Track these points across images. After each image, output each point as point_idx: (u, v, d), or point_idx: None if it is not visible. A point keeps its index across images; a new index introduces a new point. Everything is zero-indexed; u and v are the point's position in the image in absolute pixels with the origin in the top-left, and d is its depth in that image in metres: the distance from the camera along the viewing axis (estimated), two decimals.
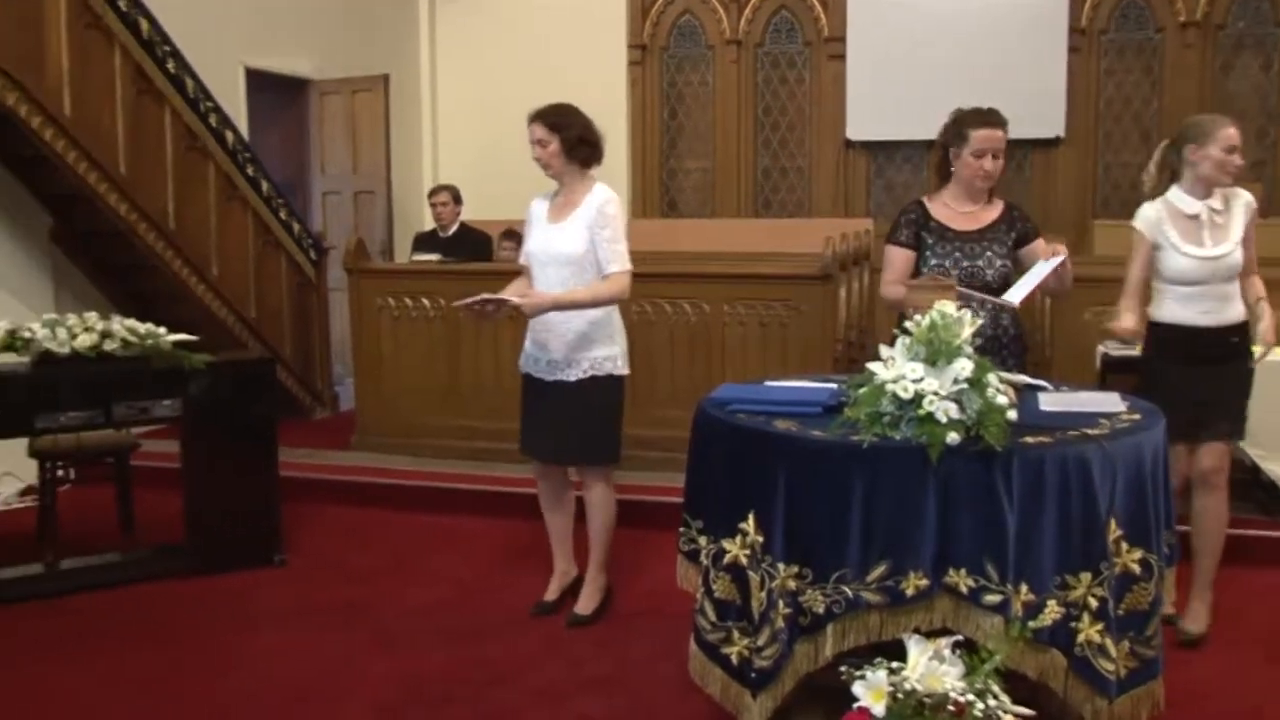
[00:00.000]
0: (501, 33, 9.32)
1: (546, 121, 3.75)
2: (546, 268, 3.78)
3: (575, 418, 3.80)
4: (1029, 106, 8.22)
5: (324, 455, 5.98)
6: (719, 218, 9.17)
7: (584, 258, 3.74)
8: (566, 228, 3.76)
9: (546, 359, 3.80)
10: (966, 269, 3.49)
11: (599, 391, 3.80)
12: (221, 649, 3.73)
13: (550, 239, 3.78)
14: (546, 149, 3.75)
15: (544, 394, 3.83)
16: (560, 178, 3.82)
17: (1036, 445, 2.50)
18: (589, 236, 3.73)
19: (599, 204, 3.74)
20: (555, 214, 3.81)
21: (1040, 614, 2.46)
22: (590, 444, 3.86)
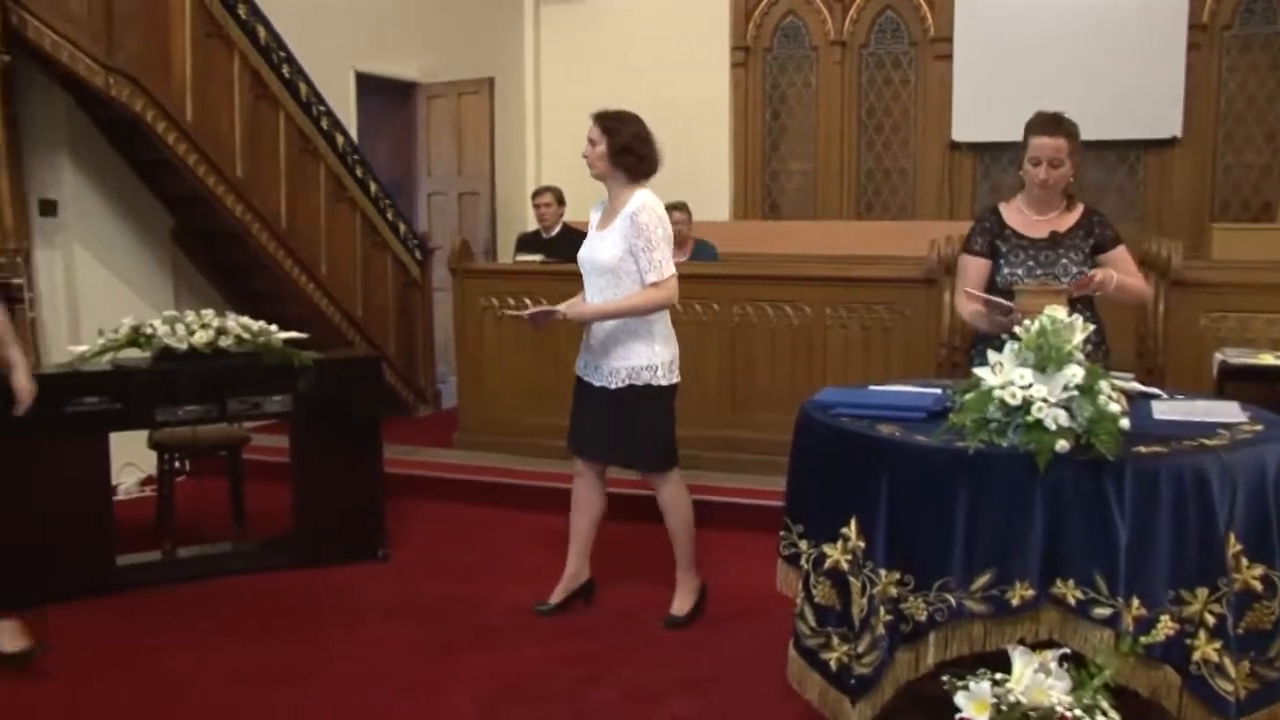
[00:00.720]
0: (605, 35, 9.38)
1: (602, 123, 3.77)
2: (590, 276, 3.83)
3: (619, 425, 3.82)
4: (1144, 106, 8.01)
5: (426, 452, 6.09)
6: (821, 220, 9.09)
7: (619, 266, 3.72)
8: (607, 236, 3.78)
9: (594, 364, 3.86)
10: (1040, 278, 3.37)
11: (641, 401, 3.78)
12: (327, 640, 3.82)
13: (594, 247, 3.82)
14: (594, 149, 3.77)
15: (590, 396, 3.88)
16: (604, 180, 3.83)
17: (1150, 455, 2.43)
18: (625, 246, 3.71)
19: (631, 212, 3.70)
20: (603, 221, 3.85)
21: (1153, 629, 2.39)
22: (639, 451, 3.87)
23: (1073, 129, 3.40)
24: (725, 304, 5.55)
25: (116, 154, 5.75)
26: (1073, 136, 3.39)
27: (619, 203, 3.78)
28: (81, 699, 3.36)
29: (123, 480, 5.43)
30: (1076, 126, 3.42)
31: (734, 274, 5.72)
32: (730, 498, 5.12)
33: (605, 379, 3.81)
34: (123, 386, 4.21)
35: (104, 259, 5.75)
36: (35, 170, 5.49)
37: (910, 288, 5.33)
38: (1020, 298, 3.13)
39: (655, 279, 3.69)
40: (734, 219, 9.20)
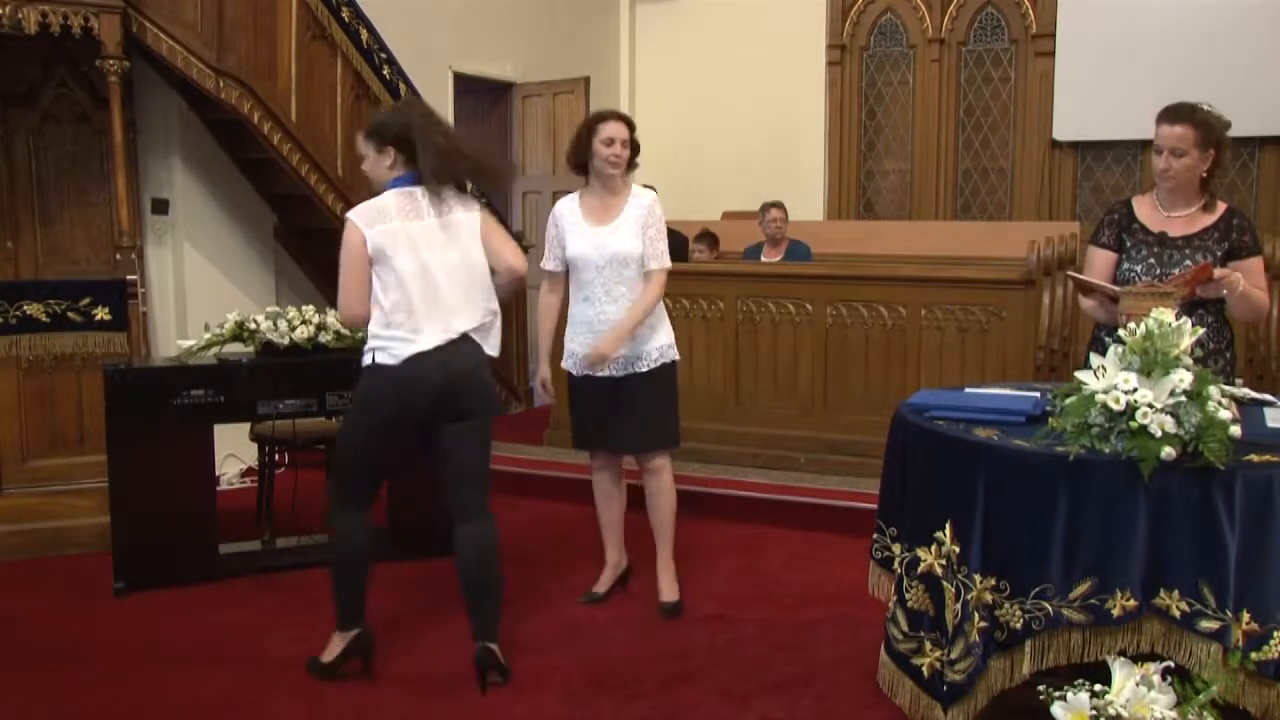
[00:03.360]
0: (700, 35, 9.38)
1: (628, 124, 3.92)
2: (603, 270, 3.86)
3: (650, 406, 3.95)
4: (1258, 101, 7.70)
5: (518, 449, 6.15)
6: (917, 220, 8.97)
7: (640, 256, 3.88)
8: (619, 229, 3.87)
9: (615, 357, 3.89)
10: (1159, 276, 3.20)
11: (666, 378, 3.97)
12: (419, 629, 3.88)
13: (604, 241, 3.87)
14: (625, 150, 3.88)
15: (613, 389, 3.92)
16: (619, 178, 3.91)
17: (1264, 464, 2.35)
18: (642, 236, 3.87)
19: (649, 204, 3.91)
20: (598, 217, 3.89)
21: (1266, 645, 2.32)
22: (662, 429, 4.00)
23: (1205, 119, 3.20)
24: (819, 304, 5.51)
25: (223, 153, 5.92)
26: (1202, 126, 3.19)
27: (620, 197, 3.92)
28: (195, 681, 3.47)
29: (225, 471, 5.59)
30: (1214, 118, 3.22)
31: (828, 274, 5.67)
32: (822, 499, 5.08)
33: (631, 366, 3.91)
34: (227, 380, 4.33)
35: (211, 255, 5.93)
36: (149, 170, 5.70)
37: (1008, 289, 5.23)
38: (1125, 299, 3.03)
39: (659, 266, 3.90)
40: (828, 219, 9.11)
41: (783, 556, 4.61)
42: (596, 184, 3.94)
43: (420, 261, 3.33)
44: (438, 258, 3.36)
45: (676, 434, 4.05)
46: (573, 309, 3.99)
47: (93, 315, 4.74)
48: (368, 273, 3.33)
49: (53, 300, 4.74)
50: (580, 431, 4.07)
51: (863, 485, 4.90)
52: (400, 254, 3.32)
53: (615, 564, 4.23)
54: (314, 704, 3.33)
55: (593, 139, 3.86)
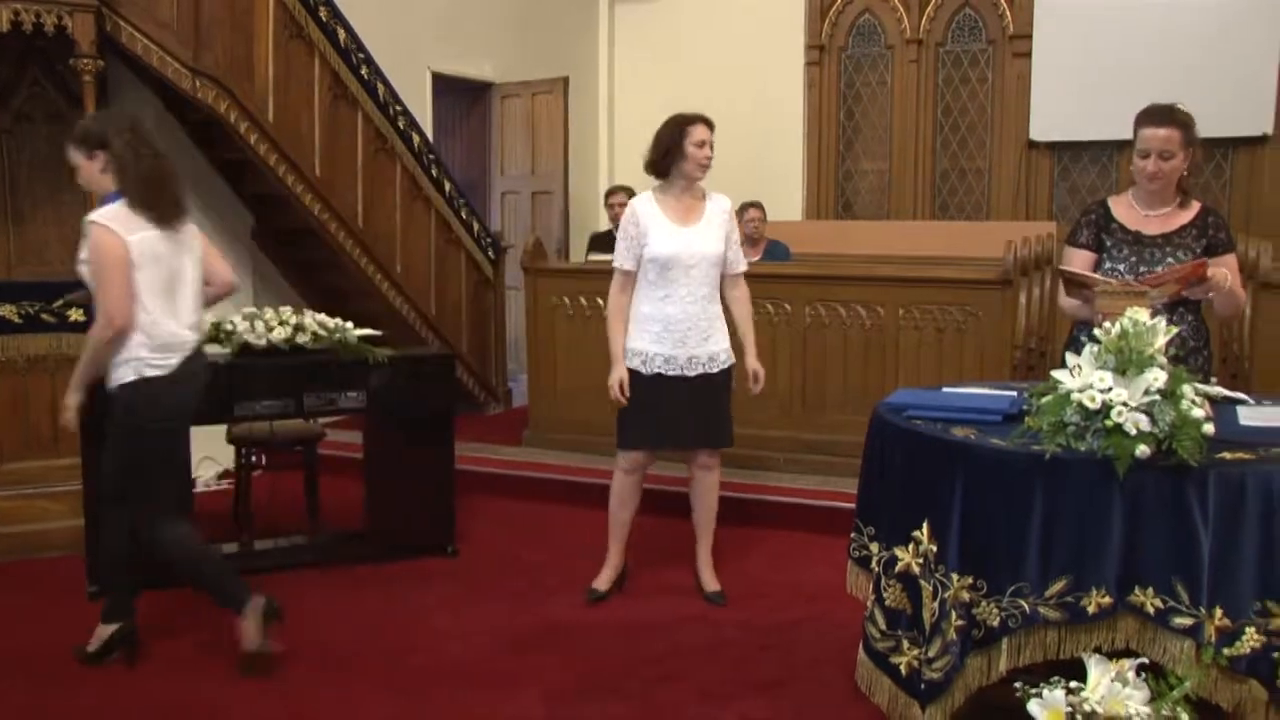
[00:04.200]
0: (679, 35, 9.38)
1: (712, 126, 3.98)
2: (691, 270, 3.92)
3: (718, 405, 4.06)
4: (1232, 102, 7.77)
5: (497, 450, 6.14)
6: (895, 220, 9.00)
7: (722, 258, 4.02)
8: (705, 230, 3.97)
9: (687, 355, 3.95)
10: (1142, 275, 3.23)
11: (729, 379, 4.08)
12: (399, 631, 3.87)
13: (691, 241, 3.94)
14: (712, 152, 3.97)
15: (686, 388, 3.97)
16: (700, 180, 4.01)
17: (1236, 462, 2.37)
18: (726, 238, 4.02)
19: (730, 208, 4.08)
20: (681, 217, 3.95)
21: (1237, 641, 2.34)
22: (726, 428, 4.11)
23: (1186, 120, 3.26)
24: (797, 304, 5.52)
25: (200, 154, 5.88)
26: (1186, 128, 3.25)
27: (700, 199, 4.01)
28: (167, 684, 3.44)
29: (201, 473, 5.56)
30: (1191, 119, 3.27)
31: (807, 274, 5.68)
32: (800, 498, 5.10)
33: (705, 366, 3.99)
34: None
35: None
36: None
37: (985, 289, 5.26)
38: (1101, 299, 3.05)
39: (745, 268, 4.12)
40: (807, 219, 9.13)
41: (763, 557, 4.62)
42: (678, 185, 3.98)
43: (168, 270, 3.44)
44: (178, 267, 3.48)
45: (732, 433, 4.13)
46: (645, 308, 3.99)
47: (66, 316, 4.70)
48: (131, 279, 3.35)
49: (26, 301, 4.69)
50: (637, 430, 4.03)
51: (841, 485, 4.91)
52: (154, 262, 3.40)
53: (619, 565, 4.25)
54: (293, 705, 3.31)
55: (685, 141, 3.90)
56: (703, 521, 4.20)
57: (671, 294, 3.93)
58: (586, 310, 6.00)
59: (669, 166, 3.95)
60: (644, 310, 3.98)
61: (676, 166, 3.93)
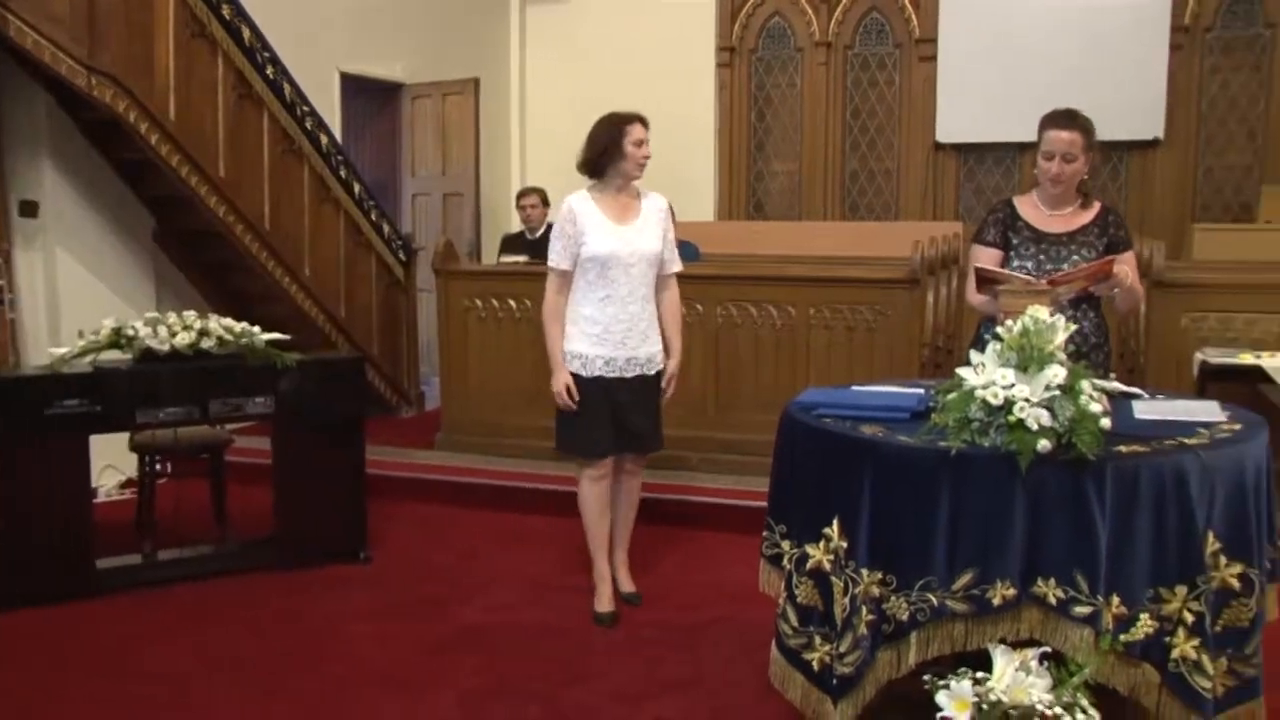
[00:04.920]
0: (591, 36, 9.38)
1: (647, 124, 3.93)
2: (631, 269, 3.86)
3: (655, 408, 4.04)
4: (1127, 107, 8.03)
5: (409, 454, 6.08)
6: (806, 220, 9.10)
7: (659, 257, 3.99)
8: (643, 229, 3.92)
9: (626, 357, 3.89)
10: (1049, 272, 3.34)
11: (660, 380, 4.03)
12: (309, 640, 3.81)
13: (632, 239, 3.87)
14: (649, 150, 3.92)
15: (629, 391, 3.91)
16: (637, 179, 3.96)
17: (1131, 455, 2.43)
18: (663, 237, 3.98)
19: (667, 207, 4.03)
20: (619, 216, 3.89)
21: (1132, 627, 2.40)
22: (660, 430, 4.09)
23: (1087, 124, 3.39)
24: (709, 305, 5.55)
25: (98, 154, 5.71)
26: (1087, 132, 3.38)
27: (636, 198, 3.97)
28: (65, 701, 3.34)
29: (103, 483, 5.41)
30: (1091, 123, 3.40)
31: (718, 275, 5.72)
32: (713, 498, 5.13)
33: (643, 368, 3.95)
34: (103, 388, 4.18)
35: (84, 260, 5.71)
36: (15, 171, 5.46)
37: (894, 289, 5.35)
38: (1003, 297, 3.12)
39: (680, 269, 4.11)
40: (719, 219, 9.20)
41: (676, 556, 4.64)
42: (615, 185, 3.91)
43: None
44: None
45: (663, 436, 4.12)
46: (585, 309, 3.88)
47: None
48: None
49: None
50: (581, 436, 3.93)
51: (755, 484, 4.94)
52: None
53: (610, 576, 4.10)
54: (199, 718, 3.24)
55: (624, 140, 3.84)
56: (623, 525, 4.16)
57: (612, 294, 3.85)
58: (499, 312, 5.97)
59: (605, 166, 3.87)
60: (584, 312, 3.88)
61: (615, 166, 3.85)
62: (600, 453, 3.95)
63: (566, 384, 3.86)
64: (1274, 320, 4.90)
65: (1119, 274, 3.22)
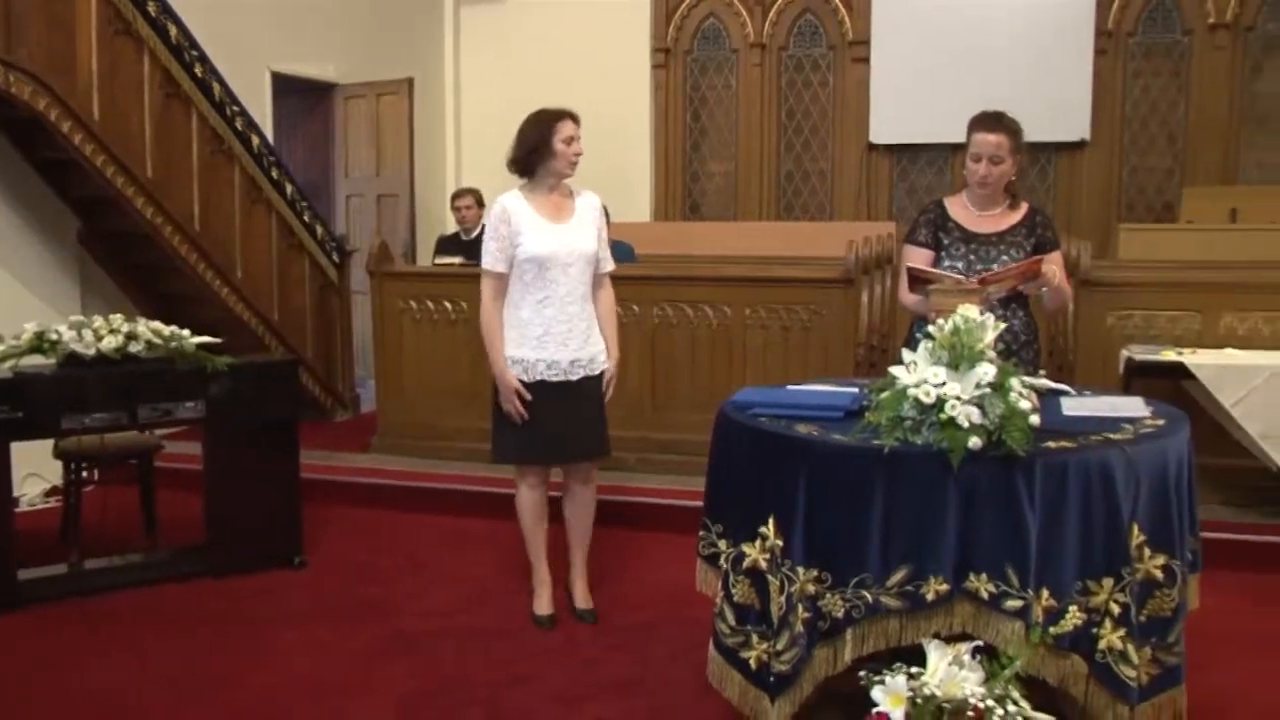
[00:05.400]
0: (525, 36, 9.35)
1: (578, 121, 3.85)
2: (569, 268, 3.79)
3: (599, 411, 3.93)
4: (1054, 109, 8.19)
5: (344, 457, 6.01)
6: (741, 220, 9.16)
7: (595, 256, 3.92)
8: (578, 227, 3.85)
9: (570, 359, 3.82)
10: (979, 272, 3.38)
11: (602, 383, 3.94)
12: (243, 648, 3.74)
13: (569, 239, 3.80)
14: (581, 148, 3.84)
15: (572, 394, 3.83)
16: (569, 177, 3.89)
17: (1059, 450, 2.48)
18: (598, 236, 3.91)
19: (600, 205, 3.96)
20: (553, 215, 3.82)
21: (1061, 620, 2.45)
22: (606, 436, 3.98)
23: (1014, 126, 3.44)
24: (645, 305, 5.56)
25: (17, 154, 5.57)
26: (1014, 134, 3.43)
27: (569, 197, 3.89)
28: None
29: (25, 491, 5.28)
30: (1019, 125, 3.45)
31: (653, 275, 5.72)
32: (650, 498, 5.14)
33: (587, 369, 3.87)
34: (25, 394, 4.07)
35: (4, 262, 5.56)
36: None
37: (828, 288, 5.39)
38: (934, 296, 3.16)
39: (614, 267, 4.03)
40: (655, 220, 9.22)
41: (614, 556, 4.63)
42: (547, 183, 3.83)
43: None
44: None
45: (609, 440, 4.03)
46: (524, 312, 3.79)
47: None
48: None
49: None
50: (521, 444, 3.84)
51: (692, 483, 4.95)
52: None
53: (549, 580, 4.04)
54: None
55: (553, 138, 3.74)
56: (580, 535, 4.05)
57: (551, 295, 3.77)
58: (434, 314, 5.92)
59: (535, 164, 3.78)
60: (523, 315, 3.79)
61: (545, 164, 3.77)
62: (538, 459, 3.91)
63: (517, 390, 3.76)
64: (1195, 318, 5.03)
65: (1047, 273, 3.29)
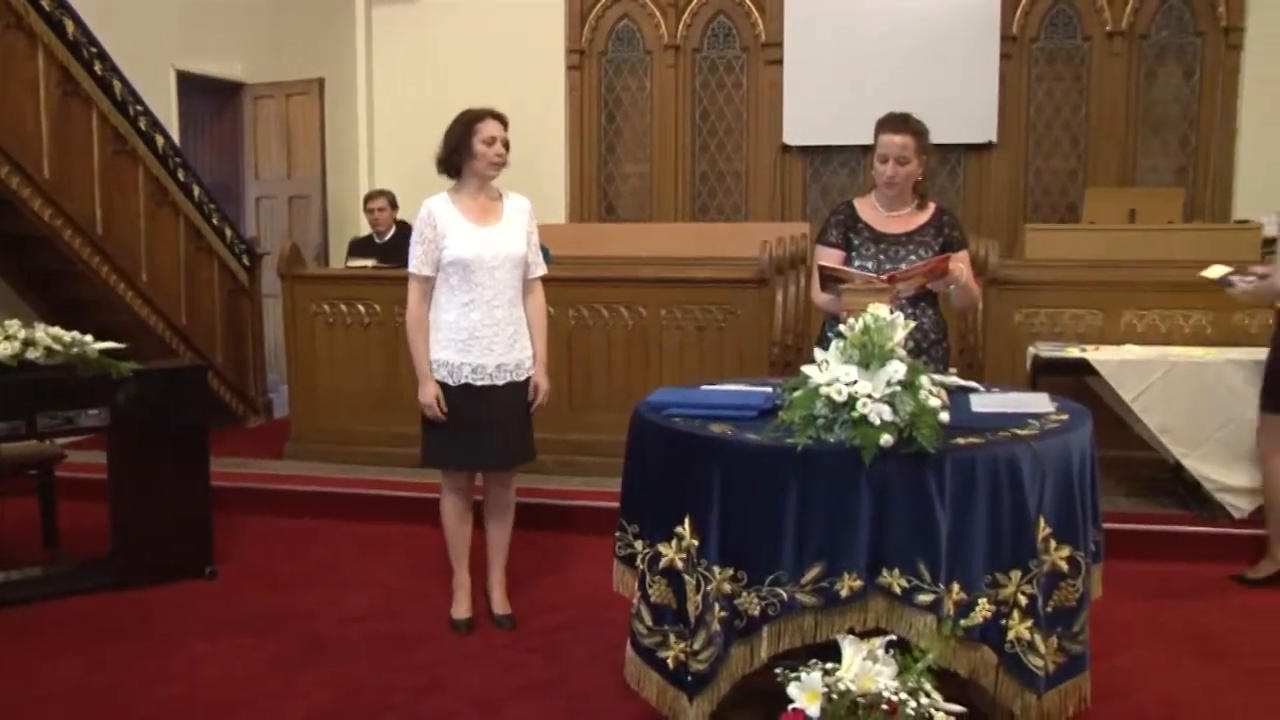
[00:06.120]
0: (439, 37, 9.27)
1: (504, 121, 3.81)
2: (495, 271, 3.75)
3: (524, 416, 3.90)
4: (963, 112, 8.37)
5: (257, 464, 5.90)
6: (657, 222, 9.19)
7: (525, 259, 3.87)
8: (507, 230, 3.80)
9: (496, 363, 3.78)
10: (889, 271, 3.42)
11: (529, 387, 3.90)
12: (150, 662, 3.64)
13: (496, 241, 3.77)
14: (506, 149, 3.79)
15: (496, 398, 3.79)
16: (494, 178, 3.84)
17: (968, 446, 2.53)
18: (527, 239, 3.86)
19: (530, 208, 3.92)
20: (480, 217, 3.78)
21: (971, 612, 2.50)
22: (531, 441, 3.96)
23: (920, 128, 3.50)
24: (561, 307, 5.54)
25: None
26: (920, 135, 3.49)
27: (497, 199, 3.85)
28: None
29: None
30: (925, 126, 3.51)
31: (569, 276, 5.70)
32: (568, 500, 5.13)
33: (513, 374, 3.82)
34: None
35: None
36: None
37: (743, 288, 5.44)
38: (846, 295, 3.21)
39: (544, 272, 3.97)
40: (570, 221, 9.21)
41: (531, 560, 4.60)
42: (472, 185, 3.78)
43: None
44: None
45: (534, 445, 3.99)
46: (448, 315, 3.74)
47: None
48: None
49: None
50: (447, 448, 3.81)
51: (609, 485, 4.95)
52: None
53: (469, 585, 4.00)
54: None
55: (473, 139, 3.70)
56: (500, 541, 4.02)
57: (476, 298, 3.73)
58: (347, 317, 5.85)
59: (459, 165, 3.76)
60: (447, 318, 3.75)
61: (467, 165, 3.74)
62: (462, 463, 3.88)
63: (435, 395, 3.74)
64: (1098, 315, 5.17)
65: (955, 271, 3.35)
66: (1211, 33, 8.49)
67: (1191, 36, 8.59)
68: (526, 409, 3.89)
